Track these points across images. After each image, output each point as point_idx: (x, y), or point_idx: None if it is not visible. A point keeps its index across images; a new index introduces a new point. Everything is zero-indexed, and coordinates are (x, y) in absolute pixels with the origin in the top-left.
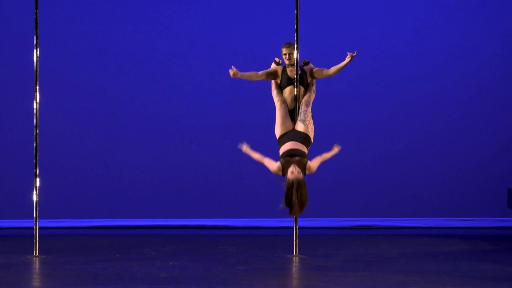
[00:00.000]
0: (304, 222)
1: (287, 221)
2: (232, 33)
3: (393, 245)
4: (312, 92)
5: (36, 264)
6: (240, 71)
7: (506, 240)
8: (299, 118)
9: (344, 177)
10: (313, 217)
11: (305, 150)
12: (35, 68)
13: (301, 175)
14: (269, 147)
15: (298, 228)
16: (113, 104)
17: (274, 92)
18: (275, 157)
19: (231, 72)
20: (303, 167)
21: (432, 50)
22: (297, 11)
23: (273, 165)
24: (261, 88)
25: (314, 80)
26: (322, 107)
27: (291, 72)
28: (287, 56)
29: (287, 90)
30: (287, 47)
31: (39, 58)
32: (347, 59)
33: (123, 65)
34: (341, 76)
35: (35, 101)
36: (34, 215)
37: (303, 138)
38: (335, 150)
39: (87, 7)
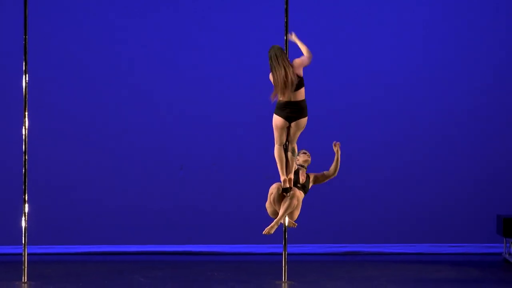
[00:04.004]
0: (293, 248)
1: (276, 247)
2: (222, 59)
3: (382, 271)
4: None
5: None
6: (230, 99)
7: (495, 267)
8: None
9: (333, 203)
10: (302, 243)
11: None
12: (24, 94)
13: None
14: (259, 174)
15: (287, 254)
16: (101, 130)
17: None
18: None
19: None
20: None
21: (425, 86)
22: (286, 37)
23: None
24: (251, 116)
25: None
26: (312, 132)
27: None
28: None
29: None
30: (303, 153)
31: (28, 84)
32: (337, 151)
33: (112, 92)
34: (330, 105)
35: (24, 127)
36: (23, 241)
37: None
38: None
39: (76, 33)
